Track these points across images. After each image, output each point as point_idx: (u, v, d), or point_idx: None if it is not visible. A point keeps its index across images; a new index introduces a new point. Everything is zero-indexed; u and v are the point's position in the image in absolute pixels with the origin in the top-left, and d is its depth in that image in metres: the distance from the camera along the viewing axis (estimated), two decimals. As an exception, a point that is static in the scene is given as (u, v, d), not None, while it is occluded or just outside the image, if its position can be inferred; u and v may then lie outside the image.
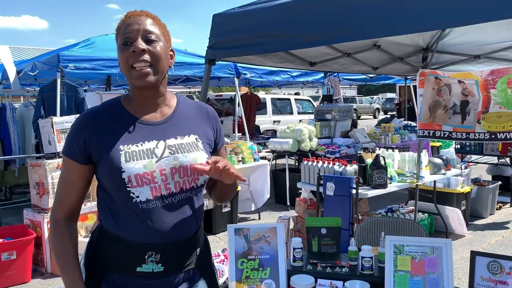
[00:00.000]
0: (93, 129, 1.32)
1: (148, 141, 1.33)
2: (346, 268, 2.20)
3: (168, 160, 1.32)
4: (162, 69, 1.33)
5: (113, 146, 1.30)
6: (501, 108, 3.75)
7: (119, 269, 1.34)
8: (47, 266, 4.16)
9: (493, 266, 1.85)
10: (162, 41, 1.33)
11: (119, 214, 1.32)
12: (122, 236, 1.32)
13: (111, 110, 1.37)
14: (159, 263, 1.32)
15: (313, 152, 6.33)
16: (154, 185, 1.29)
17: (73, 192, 1.37)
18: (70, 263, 1.34)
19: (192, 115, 1.44)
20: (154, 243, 1.31)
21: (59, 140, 4.39)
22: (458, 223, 5.02)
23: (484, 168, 7.42)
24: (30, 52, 18.56)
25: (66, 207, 1.38)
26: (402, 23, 2.29)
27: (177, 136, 1.36)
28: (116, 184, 1.29)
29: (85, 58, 5.61)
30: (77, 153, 1.33)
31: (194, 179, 1.36)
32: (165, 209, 1.32)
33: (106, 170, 1.30)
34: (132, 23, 1.31)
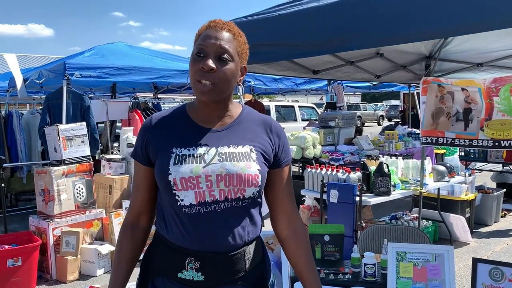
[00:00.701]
0: (154, 131, 1.37)
1: (201, 146, 1.33)
2: (349, 275, 2.21)
3: (215, 166, 1.30)
4: (227, 89, 1.33)
5: (166, 148, 1.33)
6: (504, 115, 3.76)
7: (163, 273, 1.36)
8: (52, 273, 4.18)
9: (495, 273, 1.86)
10: (235, 61, 1.32)
11: (167, 217, 1.35)
12: (169, 239, 1.34)
13: (175, 114, 1.40)
14: (199, 272, 1.31)
15: (317, 159, 6.34)
16: (198, 190, 1.29)
17: (139, 194, 1.42)
18: (116, 265, 1.41)
19: (253, 127, 1.41)
20: (194, 249, 1.30)
21: (65, 147, 4.43)
22: (462, 230, 5.01)
23: (488, 175, 7.40)
24: (36, 60, 18.76)
25: (134, 210, 1.44)
26: (407, 31, 2.32)
27: (230, 145, 1.35)
28: (163, 185, 1.32)
29: (91, 66, 5.67)
30: (139, 154, 1.39)
31: (240, 190, 1.31)
32: (207, 216, 1.30)
33: (157, 171, 1.34)
34: (211, 35, 1.30)
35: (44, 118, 5.75)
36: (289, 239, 1.45)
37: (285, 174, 1.46)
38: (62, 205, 4.29)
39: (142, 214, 1.44)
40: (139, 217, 1.44)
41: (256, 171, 1.33)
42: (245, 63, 1.40)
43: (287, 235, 1.45)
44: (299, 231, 1.46)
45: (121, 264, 1.41)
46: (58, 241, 4.20)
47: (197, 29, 1.37)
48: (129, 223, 1.44)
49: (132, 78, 6.13)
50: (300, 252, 1.43)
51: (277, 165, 1.43)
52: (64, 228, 4.24)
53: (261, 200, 1.43)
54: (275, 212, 1.47)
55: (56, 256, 4.19)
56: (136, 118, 7.12)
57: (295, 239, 1.45)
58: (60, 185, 4.28)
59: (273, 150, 1.41)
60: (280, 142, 1.44)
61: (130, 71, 6.02)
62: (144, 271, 1.43)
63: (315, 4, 2.51)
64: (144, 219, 1.45)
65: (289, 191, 1.48)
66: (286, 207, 1.46)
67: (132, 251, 1.43)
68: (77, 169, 4.46)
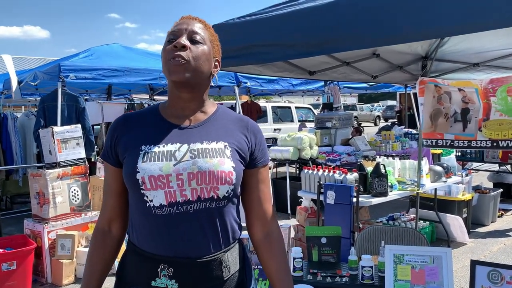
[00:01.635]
0: (122, 130, 1.33)
1: (171, 143, 1.27)
2: (346, 277, 2.19)
3: (186, 164, 1.23)
4: (200, 69, 1.27)
5: (135, 146, 1.28)
6: (501, 115, 3.75)
7: (136, 282, 1.29)
8: (47, 277, 4.15)
9: (493, 275, 1.84)
10: (207, 45, 1.30)
11: (136, 222, 1.28)
12: (139, 246, 1.28)
13: (146, 113, 1.36)
14: (172, 279, 1.23)
15: (314, 160, 6.33)
16: (169, 190, 1.21)
17: (110, 199, 1.35)
18: (87, 276, 1.36)
19: (228, 125, 1.35)
20: (166, 254, 1.23)
21: (60, 149, 4.40)
22: (459, 231, 5.01)
23: (485, 175, 7.40)
24: (32, 62, 18.69)
25: (105, 215, 1.37)
26: (403, 31, 2.30)
27: (203, 141, 1.28)
28: (131, 185, 1.25)
29: (86, 68, 5.64)
30: (109, 154, 1.33)
31: (213, 188, 1.23)
32: (179, 217, 1.22)
33: (124, 169, 1.27)
34: (182, 23, 1.30)
35: (39, 120, 5.72)
36: (261, 243, 1.38)
37: (261, 176, 1.39)
38: (57, 208, 4.25)
39: (114, 220, 1.37)
40: (110, 223, 1.37)
41: (230, 168, 1.25)
42: (218, 56, 1.37)
43: (260, 240, 1.39)
44: (272, 236, 1.38)
45: (92, 274, 1.35)
46: (53, 244, 4.16)
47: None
48: (99, 230, 1.37)
49: (128, 80, 6.10)
50: (271, 257, 1.37)
51: (253, 165, 1.36)
52: (59, 231, 4.20)
53: (238, 201, 1.36)
54: (249, 215, 1.40)
55: (51, 260, 4.15)
56: (132, 119, 7.09)
57: (267, 244, 1.38)
58: (55, 187, 4.25)
59: (249, 149, 1.35)
60: (257, 141, 1.38)
61: (126, 72, 5.98)
62: (118, 282, 1.36)
63: (311, 5, 2.50)
64: (116, 225, 1.37)
65: (266, 194, 1.40)
66: (260, 211, 1.38)
67: (103, 260, 1.36)
68: (72, 171, 4.43)
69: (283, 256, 1.39)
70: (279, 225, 1.43)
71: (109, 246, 1.37)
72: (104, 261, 1.36)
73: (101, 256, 1.36)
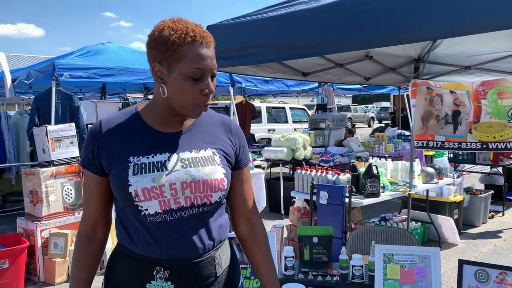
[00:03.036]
0: (105, 138, 1.28)
1: (160, 153, 1.26)
2: (337, 276, 2.22)
3: (179, 173, 1.24)
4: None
5: (122, 157, 1.25)
6: (492, 118, 3.80)
7: (129, 285, 1.30)
8: (40, 275, 4.14)
9: (480, 274, 1.88)
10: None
11: (130, 227, 1.28)
12: (132, 250, 1.28)
13: (126, 118, 1.31)
14: (168, 281, 1.25)
15: (308, 161, 6.36)
16: (163, 199, 1.23)
17: (93, 204, 1.33)
18: (76, 280, 1.35)
19: (213, 128, 1.36)
20: (162, 257, 1.25)
21: (53, 148, 4.40)
22: (450, 231, 5.05)
23: (477, 177, 7.47)
24: (26, 60, 18.60)
25: (88, 220, 1.35)
26: (393, 34, 2.34)
27: (192, 150, 1.29)
28: (123, 197, 1.24)
29: (80, 66, 5.63)
30: (91, 163, 1.30)
31: (207, 196, 1.26)
32: (174, 223, 1.25)
33: (114, 182, 1.26)
34: (205, 54, 1.21)
35: (33, 118, 5.71)
36: (246, 237, 1.45)
37: (245, 176, 1.44)
38: (51, 206, 4.25)
39: (98, 224, 1.36)
40: (95, 227, 1.36)
41: (222, 175, 1.29)
42: None
43: (245, 234, 1.45)
44: (256, 229, 1.45)
45: (81, 279, 1.35)
46: (46, 243, 4.16)
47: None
48: (83, 235, 1.36)
49: (122, 79, 6.10)
50: (256, 249, 1.43)
51: (237, 167, 1.40)
52: (53, 230, 4.20)
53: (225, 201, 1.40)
54: (234, 213, 1.45)
55: (44, 258, 4.15)
56: (126, 119, 7.08)
57: (252, 236, 1.44)
58: (49, 186, 4.25)
59: (234, 152, 1.38)
60: (241, 143, 1.41)
61: (120, 71, 5.98)
62: (109, 283, 1.36)
63: (304, 7, 2.52)
64: (100, 229, 1.37)
65: (249, 192, 1.45)
66: (245, 209, 1.44)
67: (90, 264, 1.36)
68: (66, 170, 4.43)
69: (267, 248, 1.45)
70: (261, 219, 1.49)
71: (95, 250, 1.37)
72: (90, 265, 1.36)
73: (88, 260, 1.36)
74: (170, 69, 1.21)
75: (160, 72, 1.23)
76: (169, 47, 1.19)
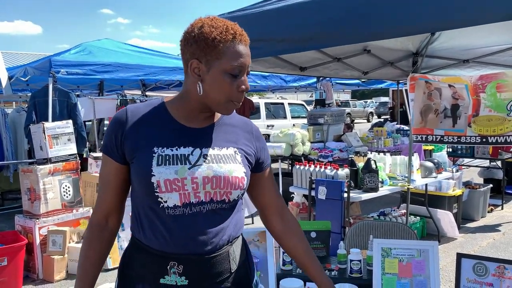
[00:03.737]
0: (130, 125, 1.28)
1: (184, 146, 1.27)
2: (335, 271, 2.21)
3: (201, 168, 1.25)
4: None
5: (146, 147, 1.26)
6: (491, 111, 3.79)
7: (143, 280, 1.29)
8: (39, 273, 4.14)
9: (478, 268, 1.87)
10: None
11: (146, 220, 1.28)
12: (147, 244, 1.27)
13: (153, 110, 1.32)
14: (182, 276, 1.25)
15: (306, 156, 6.35)
16: (183, 192, 1.23)
17: (110, 192, 1.33)
18: (83, 270, 1.34)
19: (235, 129, 1.39)
20: (177, 252, 1.25)
21: (51, 145, 4.38)
22: (449, 226, 5.05)
23: (476, 171, 7.47)
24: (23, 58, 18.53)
25: (102, 209, 1.35)
26: (390, 27, 2.32)
27: (214, 147, 1.30)
28: (144, 187, 1.24)
29: (77, 63, 5.61)
30: (113, 150, 1.29)
31: (226, 192, 1.28)
32: (192, 217, 1.25)
33: (137, 172, 1.26)
34: (244, 52, 1.24)
35: (30, 116, 5.68)
36: (284, 233, 1.47)
37: (269, 174, 1.47)
38: (49, 204, 4.24)
39: (111, 214, 1.35)
40: (107, 217, 1.35)
41: (243, 173, 1.31)
42: None
43: (280, 230, 1.47)
44: (291, 224, 1.47)
45: (89, 269, 1.34)
46: (44, 240, 4.15)
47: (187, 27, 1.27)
48: (96, 224, 1.35)
49: (120, 76, 6.08)
50: (297, 243, 1.45)
51: (261, 168, 1.43)
52: (51, 227, 4.19)
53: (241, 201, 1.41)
54: (266, 212, 1.48)
55: (42, 256, 4.14)
56: (124, 115, 7.05)
57: (289, 231, 1.46)
58: (46, 183, 4.23)
59: (255, 154, 1.40)
60: (261, 145, 1.44)
61: (118, 68, 5.96)
62: (122, 278, 1.35)
63: (301, 0, 2.50)
64: (113, 219, 1.36)
65: (275, 188, 1.49)
66: (276, 205, 1.47)
67: (100, 255, 1.35)
68: (64, 167, 4.41)
69: (306, 240, 1.49)
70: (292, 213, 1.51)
71: (106, 240, 1.36)
72: (100, 255, 1.36)
73: (97, 250, 1.35)
74: (209, 65, 1.23)
75: (197, 69, 1.24)
76: (210, 44, 1.21)
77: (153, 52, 7.43)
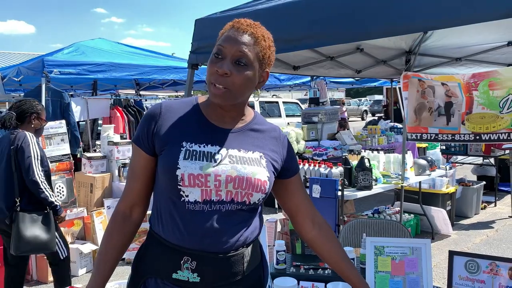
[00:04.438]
0: (163, 119, 1.32)
1: (211, 144, 1.30)
2: (328, 270, 2.22)
3: (226, 167, 1.27)
4: (240, 95, 1.29)
5: (176, 141, 1.28)
6: (484, 109, 3.81)
7: (156, 273, 1.31)
8: (33, 274, 4.12)
9: (470, 265, 1.88)
10: (253, 66, 1.27)
11: (166, 213, 1.29)
12: (163, 236, 1.29)
13: (187, 107, 1.36)
14: (195, 272, 1.26)
15: (301, 155, 6.36)
16: (205, 189, 1.25)
17: (137, 183, 1.35)
18: (102, 258, 1.36)
19: (263, 135, 1.40)
20: (191, 247, 1.25)
21: (44, 145, 4.36)
22: (443, 223, 5.08)
23: (469, 168, 7.52)
24: (16, 58, 18.41)
25: (128, 199, 1.37)
26: (382, 26, 2.32)
27: (241, 149, 1.32)
28: (169, 179, 1.26)
29: (70, 63, 5.59)
30: (144, 141, 1.32)
31: (248, 194, 1.28)
32: (211, 214, 1.26)
33: (163, 163, 1.28)
34: (232, 37, 1.25)
35: (23, 116, 5.64)
36: (317, 237, 1.47)
37: (298, 180, 1.48)
38: (42, 204, 4.21)
39: (136, 205, 1.38)
40: (132, 208, 1.37)
41: (266, 177, 1.31)
42: (268, 68, 1.35)
43: (314, 235, 1.47)
44: (324, 229, 1.48)
45: (108, 257, 1.36)
46: (38, 241, 4.13)
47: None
48: (121, 214, 1.37)
49: (113, 75, 6.06)
50: (332, 248, 1.46)
51: (289, 175, 1.44)
52: (44, 228, 4.16)
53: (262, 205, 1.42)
54: (297, 217, 1.48)
55: (36, 257, 4.12)
56: (117, 115, 7.03)
57: (323, 236, 1.47)
58: (40, 184, 4.21)
59: (281, 161, 1.41)
60: (288, 152, 1.44)
61: (111, 67, 5.94)
62: (135, 272, 1.36)
63: (293, -1, 2.50)
64: (138, 210, 1.39)
65: (305, 193, 1.50)
66: (307, 210, 1.47)
67: (121, 244, 1.37)
68: (57, 167, 4.40)
69: (340, 243, 1.49)
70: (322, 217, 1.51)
71: (128, 231, 1.38)
72: (121, 245, 1.37)
73: (119, 239, 1.36)
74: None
75: None
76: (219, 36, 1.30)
77: (147, 51, 7.41)
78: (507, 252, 4.48)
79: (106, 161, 5.10)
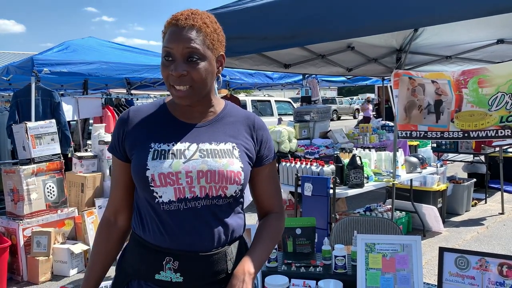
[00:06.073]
0: (131, 125, 1.32)
1: (181, 142, 1.28)
2: (320, 267, 2.22)
3: (196, 162, 1.25)
4: (204, 88, 1.27)
5: (144, 143, 1.28)
6: (473, 107, 3.83)
7: (138, 275, 1.30)
8: (23, 274, 4.09)
9: (460, 261, 1.90)
10: (206, 56, 1.23)
11: (144, 215, 1.29)
12: (145, 238, 1.29)
13: (154, 108, 1.36)
14: (177, 272, 1.25)
15: (293, 153, 6.36)
16: (178, 187, 1.24)
17: (118, 190, 1.37)
18: (90, 264, 1.39)
19: (235, 124, 1.37)
20: (171, 247, 1.25)
21: (34, 145, 4.32)
22: (434, 220, 5.11)
23: (460, 166, 7.57)
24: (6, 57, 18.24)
25: (111, 207, 1.40)
26: (372, 23, 2.33)
27: (212, 142, 1.30)
28: (140, 181, 1.26)
29: (60, 62, 5.54)
30: (117, 148, 1.34)
31: (222, 187, 1.26)
32: (187, 213, 1.24)
33: (133, 166, 1.28)
34: (175, 35, 1.21)
35: (13, 115, 5.60)
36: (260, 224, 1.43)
37: (269, 171, 1.42)
38: (32, 204, 4.19)
39: (120, 211, 1.39)
40: (116, 214, 1.39)
41: (239, 168, 1.28)
42: (221, 51, 1.31)
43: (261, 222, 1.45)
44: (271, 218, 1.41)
45: (95, 263, 1.39)
46: (28, 241, 4.10)
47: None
48: (106, 221, 1.40)
49: (104, 74, 6.01)
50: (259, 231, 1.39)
51: (260, 163, 1.39)
52: (35, 228, 4.14)
53: (243, 199, 1.39)
54: (258, 208, 1.46)
55: (27, 257, 4.09)
56: (108, 114, 6.98)
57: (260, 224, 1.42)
58: (30, 184, 4.18)
59: (255, 148, 1.37)
60: (263, 139, 1.40)
61: (102, 66, 5.90)
62: (118, 274, 1.37)
63: (283, -3, 2.50)
64: (122, 217, 1.40)
65: (275, 188, 1.44)
66: (269, 205, 1.43)
67: (107, 250, 1.38)
68: (47, 167, 4.36)
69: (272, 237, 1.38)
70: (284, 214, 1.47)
71: (114, 237, 1.39)
72: (108, 251, 1.39)
73: (104, 245, 1.38)
74: None
75: None
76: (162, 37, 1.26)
77: (138, 50, 7.37)
78: (497, 249, 4.51)
79: (97, 161, 5.06)
